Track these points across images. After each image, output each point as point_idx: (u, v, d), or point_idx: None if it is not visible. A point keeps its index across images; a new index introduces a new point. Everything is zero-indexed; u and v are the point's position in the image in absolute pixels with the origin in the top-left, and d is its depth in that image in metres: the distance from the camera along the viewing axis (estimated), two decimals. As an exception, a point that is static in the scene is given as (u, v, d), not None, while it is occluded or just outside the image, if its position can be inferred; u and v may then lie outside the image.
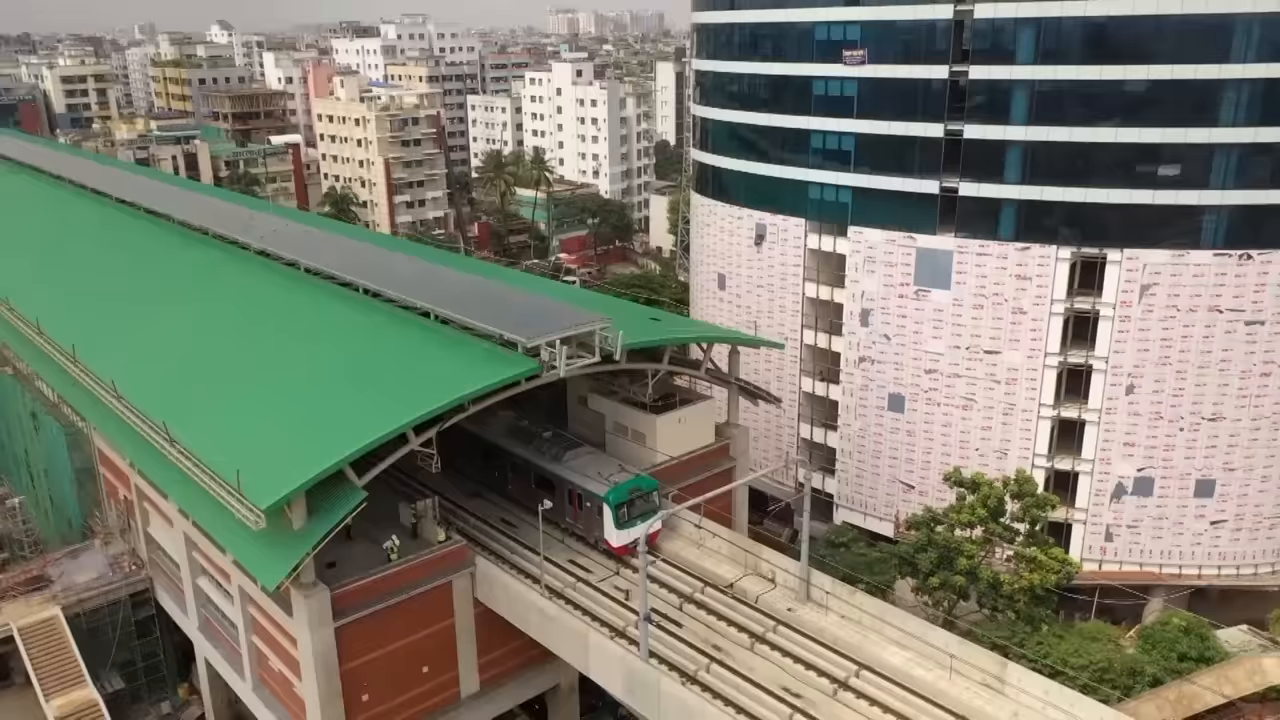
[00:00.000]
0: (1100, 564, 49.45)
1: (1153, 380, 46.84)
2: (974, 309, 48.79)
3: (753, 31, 55.35)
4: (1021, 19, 45.32)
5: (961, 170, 47.71)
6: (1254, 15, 42.34)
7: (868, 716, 29.43)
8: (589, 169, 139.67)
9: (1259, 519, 48.41)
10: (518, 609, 35.35)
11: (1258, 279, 45.00)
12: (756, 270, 57.21)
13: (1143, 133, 44.50)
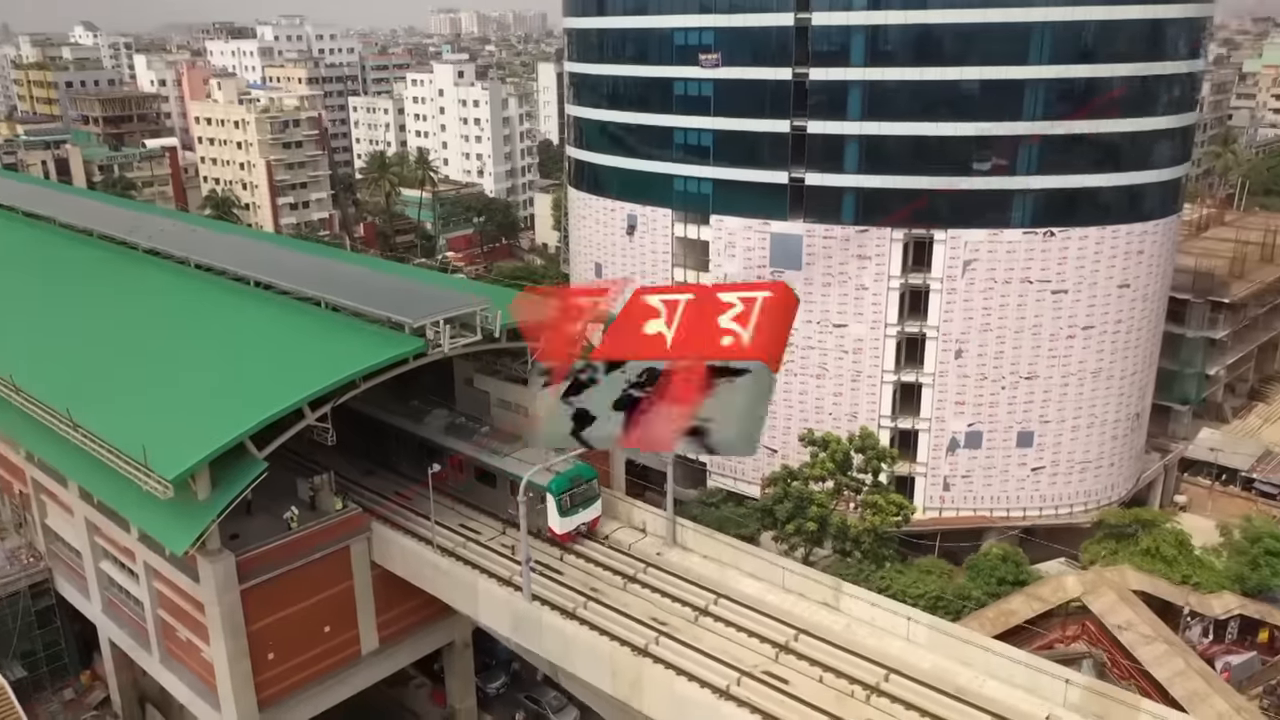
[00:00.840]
0: (940, 511, 55.50)
1: (977, 345, 53.05)
2: (823, 287, 54.16)
3: (618, 37, 59.62)
4: (854, 26, 50.77)
5: (807, 162, 52.99)
6: (1046, 24, 48.67)
7: (723, 635, 33.91)
8: (473, 169, 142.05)
9: (1071, 465, 55.22)
10: (412, 567, 38.67)
11: (1060, 254, 51.57)
12: (629, 258, 61.52)
13: (960, 127, 50.54)
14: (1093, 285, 52.37)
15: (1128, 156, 51.81)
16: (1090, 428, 54.84)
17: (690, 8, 54.96)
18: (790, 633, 33.68)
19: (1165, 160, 52.99)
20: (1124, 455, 57.11)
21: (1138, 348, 55.03)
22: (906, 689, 30.86)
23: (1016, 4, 48.45)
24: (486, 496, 40.36)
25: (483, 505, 40.70)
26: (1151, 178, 52.52)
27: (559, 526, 37.59)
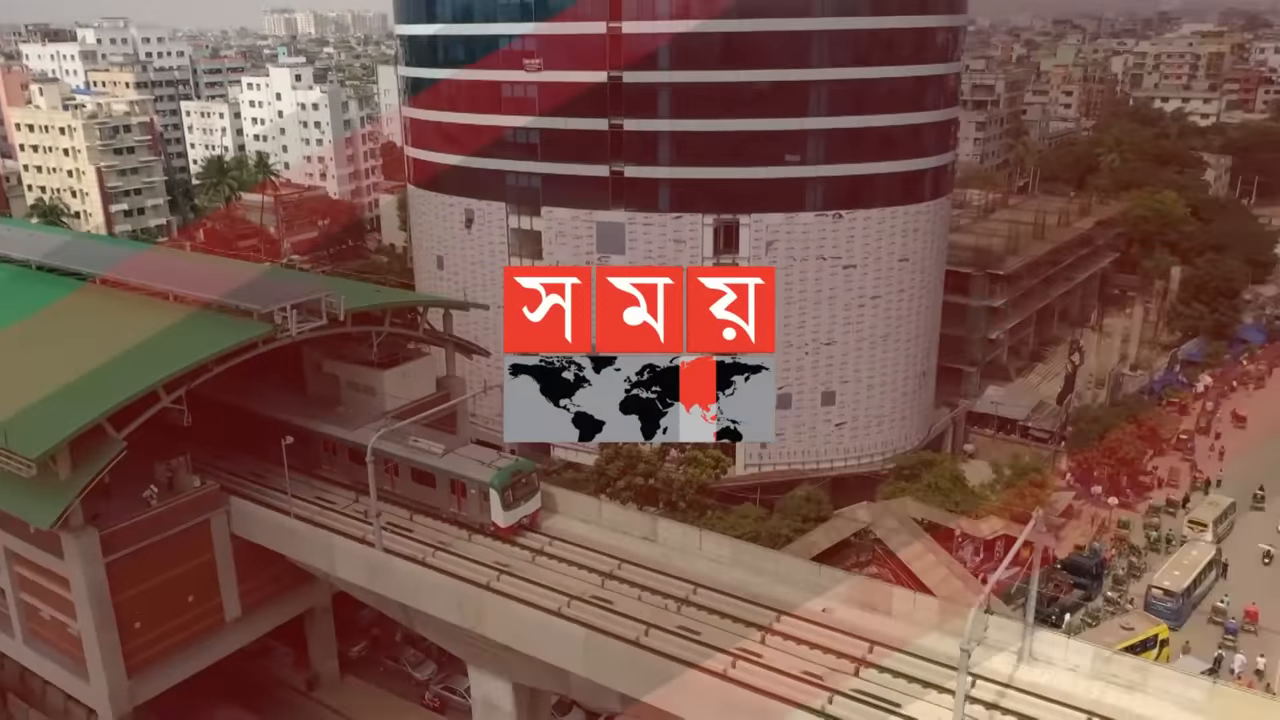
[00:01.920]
0: (760, 467, 62.01)
1: (782, 316, 59.70)
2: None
3: (448, 42, 63.61)
4: (660, 33, 56.51)
5: (625, 156, 58.46)
6: (824, 32, 55.71)
7: (556, 570, 38.71)
8: (316, 171, 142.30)
9: (869, 419, 62.80)
10: (271, 534, 41.87)
11: (848, 233, 58.87)
12: (469, 250, 65.66)
13: (756, 123, 57.05)
14: (877, 260, 59.97)
15: (902, 146, 59.54)
16: (884, 386, 62.56)
17: (513, 16, 59.52)
18: (614, 563, 38.78)
19: (934, 149, 61.15)
20: (915, 409, 65.19)
21: (920, 313, 63.10)
22: (712, 598, 36.40)
23: (798, 14, 55.32)
24: (426, 496, 41.01)
25: (423, 504, 41.30)
26: (923, 164, 60.55)
27: (502, 520, 38.57)
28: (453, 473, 39.80)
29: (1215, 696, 30.06)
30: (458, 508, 39.90)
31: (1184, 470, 70.27)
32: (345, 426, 44.75)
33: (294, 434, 42.86)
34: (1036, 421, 74.33)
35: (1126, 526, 62.53)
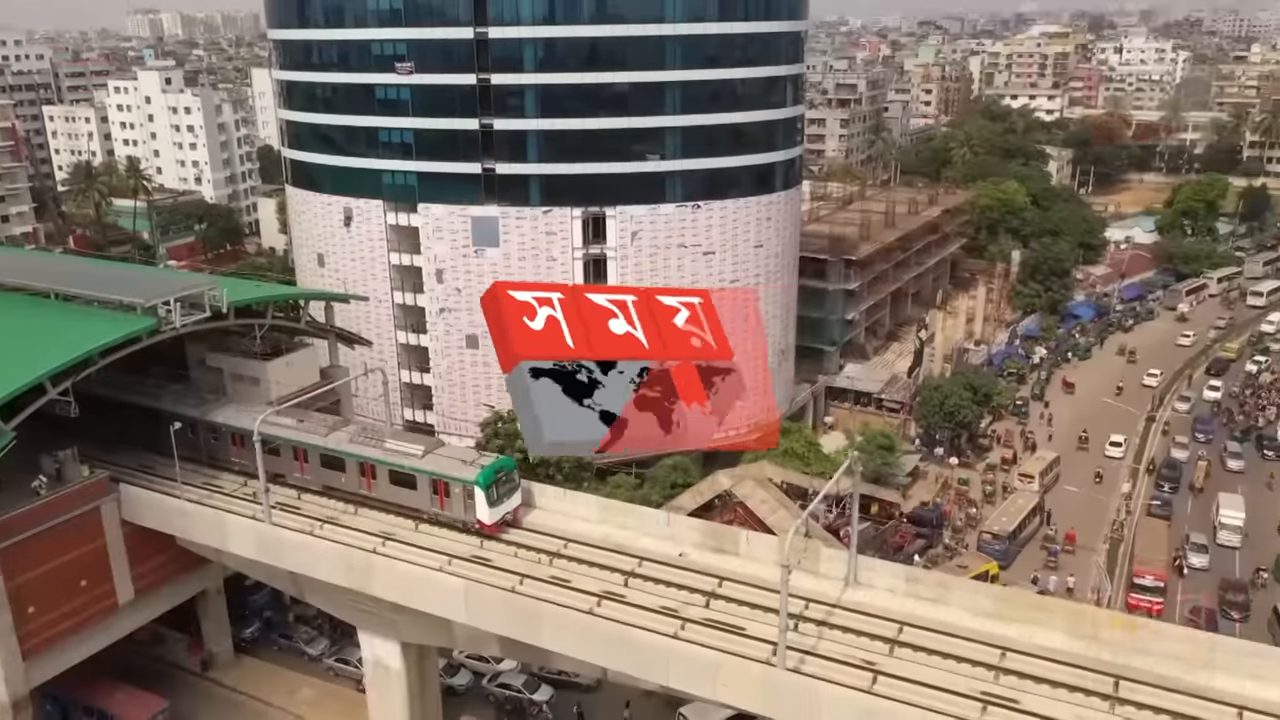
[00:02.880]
0: (634, 443, 66.20)
1: (649, 301, 64.05)
2: (519, 260, 63.37)
3: (321, 46, 65.82)
4: (524, 38, 60.14)
5: (496, 154, 61.89)
6: (677, 37, 60.29)
7: (439, 535, 41.74)
8: (190, 176, 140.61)
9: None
10: (162, 516, 43.83)
11: (706, 222, 63.70)
12: (349, 246, 67.99)
13: (618, 121, 61.28)
14: (735, 247, 64.99)
15: (753, 141, 64.63)
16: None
17: (384, 21, 62.20)
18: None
19: (782, 144, 66.52)
20: (775, 385, 70.45)
21: (776, 296, 68.47)
22: (582, 551, 40.23)
23: (652, 21, 59.72)
24: (405, 498, 41.29)
25: (402, 506, 41.53)
26: (773, 158, 65.85)
27: (488, 518, 39.10)
28: (435, 473, 39.81)
29: (1001, 601, 35.54)
30: (440, 508, 40.06)
31: (1017, 432, 77.77)
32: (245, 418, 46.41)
33: (187, 424, 44.90)
34: (889, 394, 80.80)
35: (966, 483, 69.22)
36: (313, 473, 43.46)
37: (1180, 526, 62.20)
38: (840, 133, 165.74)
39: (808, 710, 31.47)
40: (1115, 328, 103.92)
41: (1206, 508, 63.86)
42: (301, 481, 44.01)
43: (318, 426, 43.78)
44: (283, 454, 43.43)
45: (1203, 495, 66.18)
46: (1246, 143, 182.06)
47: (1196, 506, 65.03)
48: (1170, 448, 73.76)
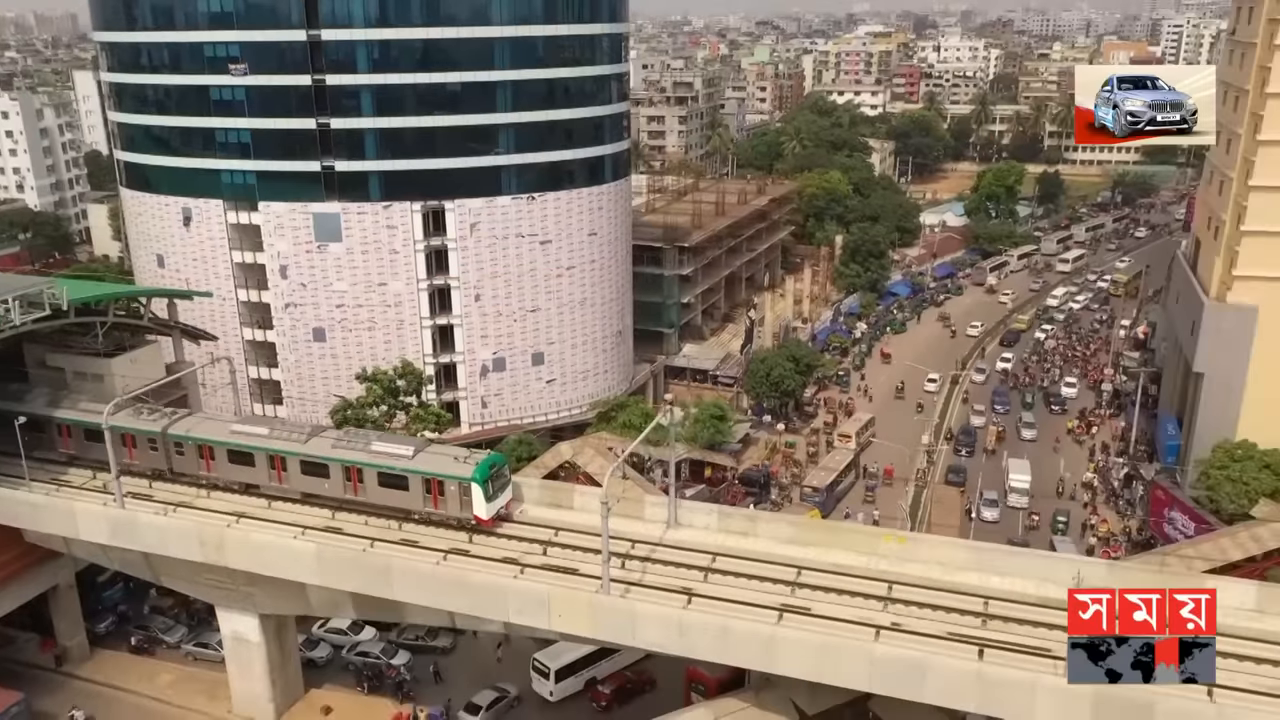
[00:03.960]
0: (484, 425, 69.59)
1: (491, 289, 67.69)
2: (362, 254, 65.72)
3: (151, 48, 66.28)
4: (358, 40, 62.53)
5: (335, 152, 64.04)
6: (505, 38, 63.93)
7: (291, 510, 44.29)
8: (12, 183, 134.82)
9: (575, 375, 72.07)
10: (8, 512, 44.67)
11: (542, 213, 67.63)
12: (190, 246, 68.66)
13: (453, 119, 64.42)
14: (570, 235, 69.17)
15: (582, 136, 68.89)
16: (585, 345, 71.99)
17: (215, 23, 63.30)
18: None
19: (610, 138, 71.06)
20: (615, 364, 75.18)
21: (611, 280, 73.05)
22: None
23: (481, 23, 63.18)
24: (396, 499, 41.42)
25: (393, 507, 41.72)
26: (602, 151, 70.29)
27: (485, 513, 39.64)
28: (430, 473, 40.21)
29: (800, 529, 41.00)
30: (434, 506, 40.41)
31: (839, 398, 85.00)
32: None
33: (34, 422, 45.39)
34: (724, 370, 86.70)
35: (792, 446, 75.59)
36: (291, 480, 42.85)
37: (974, 487, 68.99)
38: (679, 129, 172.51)
39: (629, 629, 35.97)
40: (929, 303, 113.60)
41: (998, 469, 71.16)
42: (278, 491, 43.50)
43: (294, 433, 43.67)
44: (257, 463, 43.11)
45: (994, 457, 73.58)
46: (1046, 133, 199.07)
47: (988, 468, 72.25)
48: (970, 415, 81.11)
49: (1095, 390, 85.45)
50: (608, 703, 46.52)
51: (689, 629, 35.23)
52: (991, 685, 31.83)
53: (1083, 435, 76.96)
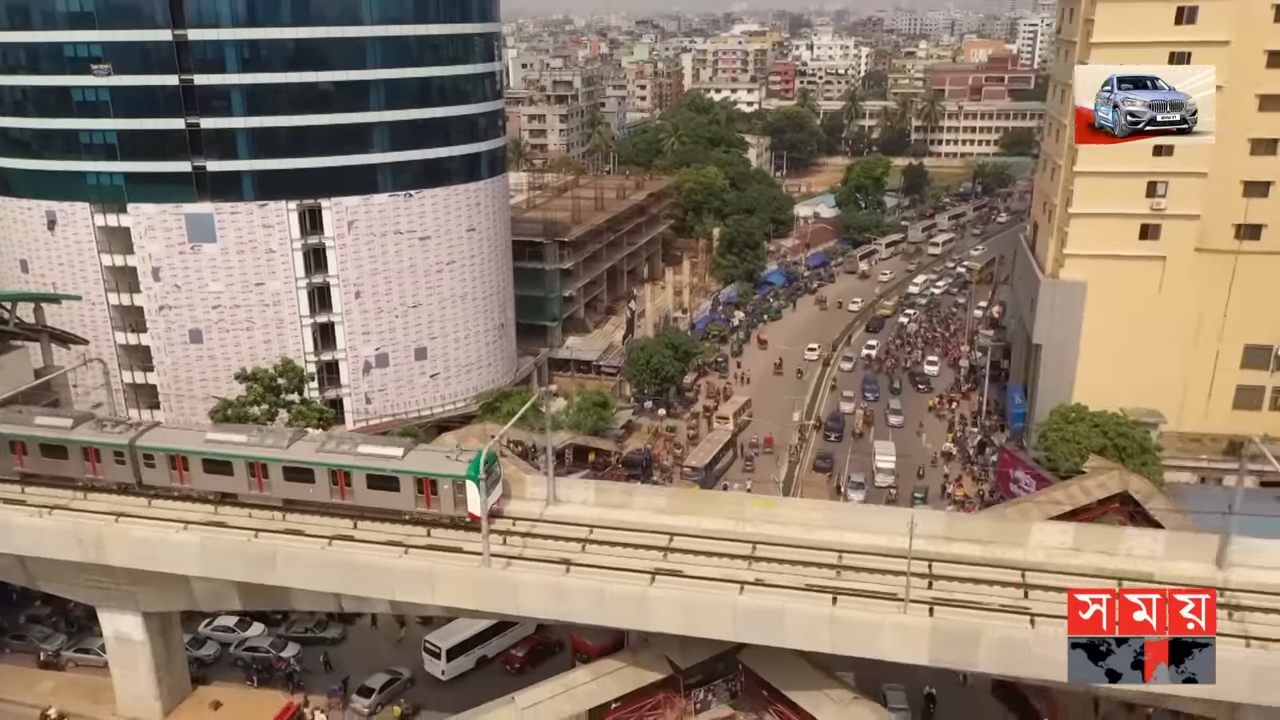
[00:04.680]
0: (368, 420, 70.20)
1: (371, 286, 68.41)
2: (238, 254, 65.59)
3: (6, 48, 64.57)
4: (226, 40, 62.42)
5: (205, 153, 63.76)
6: (377, 38, 64.78)
7: (172, 508, 44.62)
8: None
9: (459, 368, 73.35)
10: None
11: (420, 209, 68.69)
12: (56, 251, 67.17)
13: (326, 118, 64.89)
14: (449, 231, 70.41)
15: (457, 134, 70.18)
16: (467, 339, 73.35)
17: (76, 23, 62.18)
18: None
19: (486, 136, 72.54)
20: (498, 357, 76.72)
21: (491, 275, 74.57)
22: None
23: (351, 23, 63.90)
24: (386, 500, 41.01)
25: (381, 509, 41.21)
26: (478, 149, 71.72)
27: (479, 509, 39.07)
28: (422, 472, 40.10)
29: (673, 499, 43.57)
30: (426, 506, 40.27)
31: (718, 383, 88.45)
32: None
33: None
34: (606, 360, 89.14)
35: (673, 430, 78.52)
36: (274, 487, 42.12)
37: (841, 471, 72.44)
38: (560, 127, 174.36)
39: (512, 599, 37.88)
40: (803, 291, 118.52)
41: (866, 451, 75.04)
42: (259, 499, 42.62)
43: (275, 439, 43.00)
44: (236, 471, 42.16)
45: (862, 440, 77.62)
46: (913, 127, 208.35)
47: (856, 451, 76.14)
48: (840, 401, 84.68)
49: (955, 368, 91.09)
50: (521, 665, 48.65)
51: (568, 594, 37.32)
52: (843, 626, 34.91)
53: (944, 411, 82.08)
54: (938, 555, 38.53)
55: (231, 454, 42.21)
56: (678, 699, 39.99)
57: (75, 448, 43.57)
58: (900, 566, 36.26)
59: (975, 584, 36.95)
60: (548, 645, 49.66)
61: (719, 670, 40.64)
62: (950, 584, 36.96)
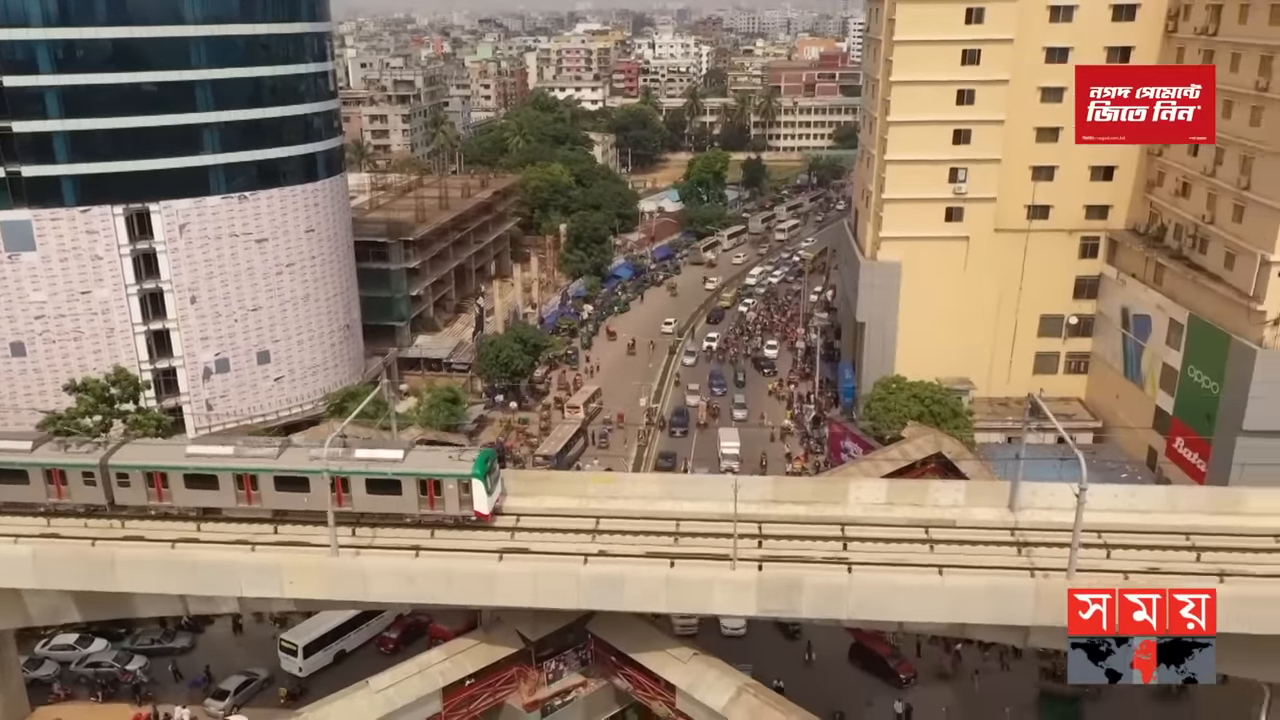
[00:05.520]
0: (210, 428, 68.72)
1: (208, 290, 67.07)
2: (61, 262, 63.17)
3: None
4: (37, 40, 60.02)
5: (20, 157, 61.14)
6: (202, 37, 63.60)
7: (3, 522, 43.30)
8: None
9: (304, 371, 72.73)
10: None
11: (255, 211, 67.77)
12: None
13: (152, 119, 63.23)
14: (287, 233, 69.69)
15: (292, 134, 69.54)
16: (311, 341, 72.77)
17: None
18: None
19: (321, 135, 72.08)
20: (344, 358, 76.39)
21: (333, 276, 74.15)
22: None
23: (172, 22, 62.55)
24: (387, 504, 40.29)
25: (384, 512, 40.46)
26: (313, 149, 71.17)
27: (485, 507, 39.76)
28: (426, 474, 39.70)
29: (515, 481, 45.09)
30: (429, 507, 39.91)
31: (570, 375, 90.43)
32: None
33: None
34: (457, 357, 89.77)
35: (526, 422, 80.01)
36: (264, 499, 40.68)
37: (686, 462, 74.53)
38: (403, 127, 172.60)
39: (362, 586, 38.73)
40: (650, 283, 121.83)
41: (710, 441, 77.26)
42: (248, 512, 40.92)
43: (263, 448, 41.74)
44: (221, 485, 40.51)
45: (707, 430, 79.82)
46: (751, 123, 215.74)
47: (702, 441, 78.51)
48: (685, 394, 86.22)
49: (793, 350, 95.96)
50: (395, 646, 49.41)
51: (417, 577, 38.47)
52: (678, 586, 37.44)
53: (783, 393, 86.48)
54: (766, 517, 41.43)
55: (217, 467, 40.51)
56: (531, 671, 41.73)
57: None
58: (728, 529, 39.14)
59: (800, 540, 39.99)
60: (419, 625, 50.41)
61: (569, 641, 42.56)
62: (778, 542, 39.87)
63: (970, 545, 38.94)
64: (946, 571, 36.87)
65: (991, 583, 36.37)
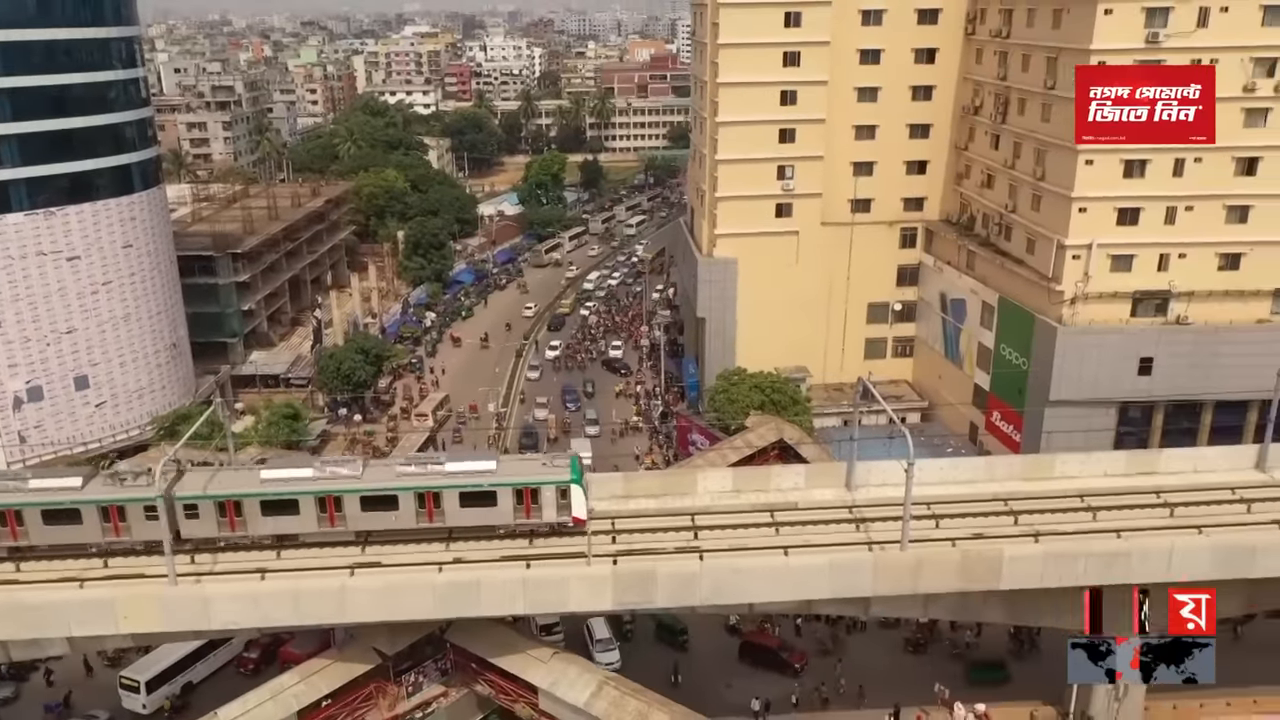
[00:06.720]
0: (24, 461, 64.08)
1: (14, 313, 62.51)
2: None
3: None
4: None
5: None
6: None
7: None
8: None
9: (129, 394, 68.77)
10: None
11: (65, 228, 63.60)
12: None
13: (-62, 131, 58.50)
14: (101, 249, 65.69)
15: (102, 145, 65.55)
16: (135, 362, 68.86)
17: None
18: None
19: (134, 146, 68.23)
20: (172, 379, 72.62)
21: (155, 293, 70.34)
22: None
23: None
24: (480, 517, 40.00)
25: (475, 525, 40.25)
26: (126, 160, 67.27)
27: (583, 513, 40.10)
28: (523, 483, 39.78)
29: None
30: (526, 516, 39.96)
31: (415, 384, 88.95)
32: None
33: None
34: (295, 372, 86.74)
35: (372, 434, 78.20)
36: (347, 521, 39.61)
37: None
38: (224, 135, 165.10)
39: (204, 614, 37.18)
40: (493, 287, 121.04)
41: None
42: (329, 536, 39.80)
43: (347, 469, 40.49)
44: (303, 509, 39.20)
45: (557, 443, 78.72)
46: (587, 124, 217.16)
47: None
48: (534, 409, 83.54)
49: (638, 349, 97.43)
50: (256, 665, 48.03)
51: (262, 599, 37.30)
52: (535, 586, 37.76)
53: (630, 391, 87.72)
54: (619, 513, 42.32)
55: (298, 491, 39.44)
56: (389, 686, 41.12)
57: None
58: (588, 528, 39.81)
59: (653, 533, 41.01)
60: (278, 640, 48.58)
61: (428, 652, 42.21)
62: (631, 535, 40.79)
63: (812, 525, 40.96)
64: (791, 552, 38.66)
65: (833, 559, 38.36)
